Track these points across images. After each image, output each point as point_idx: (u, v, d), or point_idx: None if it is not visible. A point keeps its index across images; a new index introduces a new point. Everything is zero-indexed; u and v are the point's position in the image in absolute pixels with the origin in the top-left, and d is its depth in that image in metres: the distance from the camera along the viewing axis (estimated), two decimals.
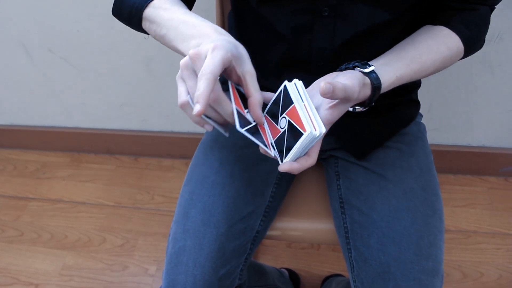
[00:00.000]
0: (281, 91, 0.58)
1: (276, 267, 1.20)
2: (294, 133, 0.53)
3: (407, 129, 0.80)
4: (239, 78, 0.54)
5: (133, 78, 1.44)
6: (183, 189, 0.78)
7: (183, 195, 0.77)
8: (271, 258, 1.31)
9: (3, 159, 1.71)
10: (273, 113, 0.58)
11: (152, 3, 0.64)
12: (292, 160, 0.54)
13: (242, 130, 0.54)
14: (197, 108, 0.47)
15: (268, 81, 0.78)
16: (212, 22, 0.94)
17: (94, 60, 1.41)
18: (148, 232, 1.41)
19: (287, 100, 0.56)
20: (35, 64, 1.46)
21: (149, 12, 0.64)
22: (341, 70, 0.62)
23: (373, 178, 0.74)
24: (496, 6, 0.70)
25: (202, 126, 0.55)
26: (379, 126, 0.77)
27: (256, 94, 0.54)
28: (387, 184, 0.72)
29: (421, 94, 0.84)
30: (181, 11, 0.62)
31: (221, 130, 0.57)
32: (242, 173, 0.76)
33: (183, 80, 0.53)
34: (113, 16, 0.75)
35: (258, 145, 0.56)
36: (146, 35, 0.69)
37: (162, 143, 1.61)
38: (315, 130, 0.51)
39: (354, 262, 0.71)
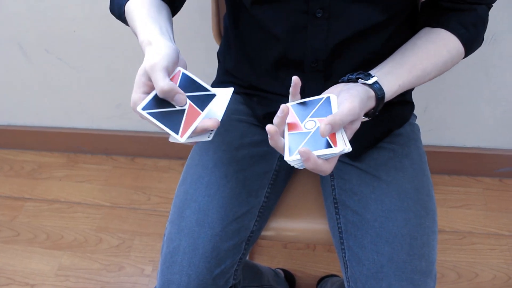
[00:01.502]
0: (322, 98, 0.59)
1: (271, 267, 1.21)
2: (319, 140, 0.54)
3: (401, 130, 0.81)
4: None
5: (130, 79, 1.44)
6: (178, 189, 0.78)
7: (178, 195, 0.77)
8: (267, 258, 1.32)
9: (0, 159, 1.71)
10: (302, 111, 0.59)
11: (128, 3, 0.68)
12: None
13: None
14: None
15: (262, 81, 0.78)
16: (207, 23, 0.95)
17: (90, 60, 1.41)
18: (144, 232, 1.41)
19: (326, 110, 0.57)
20: (31, 64, 1.46)
21: (126, 11, 0.68)
22: (343, 82, 0.63)
23: (367, 179, 0.74)
24: (492, 6, 0.70)
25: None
26: (373, 127, 0.77)
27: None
28: (381, 185, 0.73)
29: (417, 95, 0.84)
30: (140, 16, 0.65)
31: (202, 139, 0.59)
32: (237, 174, 0.76)
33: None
34: (110, 16, 0.76)
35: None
36: None
37: (158, 144, 1.61)
38: (346, 148, 0.53)
39: (348, 262, 0.72)
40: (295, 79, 0.58)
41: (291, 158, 0.54)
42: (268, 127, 0.54)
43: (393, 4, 0.64)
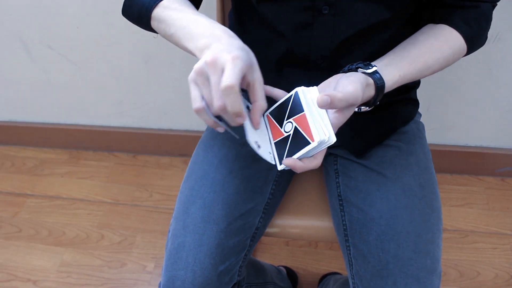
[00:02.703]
0: (291, 96, 0.59)
1: (274, 265, 1.21)
2: (299, 140, 0.55)
3: (406, 127, 0.81)
4: (248, 84, 0.55)
5: (132, 76, 1.44)
6: (183, 186, 0.78)
7: (183, 192, 0.77)
8: (269, 256, 1.32)
9: (1, 155, 1.71)
10: (278, 115, 0.59)
11: (161, 3, 0.65)
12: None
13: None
14: (240, 121, 0.52)
15: (267, 78, 0.78)
16: (212, 20, 0.95)
17: (93, 57, 1.41)
18: (146, 229, 1.41)
19: (297, 107, 0.58)
20: (34, 61, 1.45)
21: (158, 12, 0.65)
22: (344, 72, 0.63)
23: (372, 176, 0.74)
24: (497, 5, 0.70)
25: (215, 128, 0.57)
26: (378, 124, 0.77)
27: (261, 101, 0.55)
28: (386, 182, 0.73)
29: (420, 94, 0.84)
30: (190, 11, 0.63)
31: (232, 132, 0.59)
32: (242, 170, 0.76)
33: (197, 84, 0.53)
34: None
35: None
36: (155, 34, 0.69)
37: (160, 141, 1.61)
38: (325, 137, 0.53)
39: (353, 259, 0.72)
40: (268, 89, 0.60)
41: (281, 167, 0.57)
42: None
43: (398, 2, 0.64)
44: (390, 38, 0.69)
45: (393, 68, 0.63)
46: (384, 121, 0.77)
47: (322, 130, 0.54)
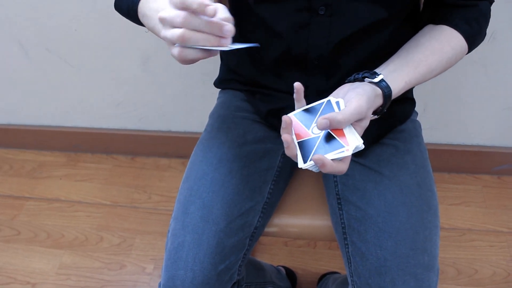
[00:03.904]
0: (322, 102, 0.61)
1: (273, 265, 1.21)
2: (331, 142, 0.56)
3: (403, 126, 0.81)
4: None
5: (130, 77, 1.44)
6: (182, 186, 0.79)
7: (182, 192, 0.77)
8: (268, 256, 1.32)
9: (0, 158, 1.71)
10: (306, 118, 0.60)
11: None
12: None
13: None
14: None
15: (265, 78, 0.79)
16: None
17: (91, 59, 1.41)
18: (145, 231, 1.41)
19: (329, 112, 0.59)
20: (32, 63, 1.46)
21: (141, 5, 0.63)
22: (350, 81, 0.64)
23: (370, 174, 0.75)
24: (494, 1, 0.71)
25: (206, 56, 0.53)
26: (375, 123, 0.77)
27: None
28: (383, 180, 0.73)
29: (416, 93, 0.85)
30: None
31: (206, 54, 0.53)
32: (241, 170, 0.77)
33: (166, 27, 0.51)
34: (110, 15, 0.76)
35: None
36: (147, 28, 0.69)
37: (159, 143, 1.61)
38: (359, 144, 0.55)
39: (351, 257, 0.72)
40: (297, 86, 0.59)
41: (305, 165, 0.56)
42: (284, 137, 0.56)
43: (394, 2, 0.65)
44: (388, 37, 0.70)
45: (399, 75, 0.64)
46: (381, 120, 0.78)
47: (355, 136, 0.56)
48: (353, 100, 0.57)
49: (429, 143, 1.44)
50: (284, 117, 0.56)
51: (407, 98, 0.82)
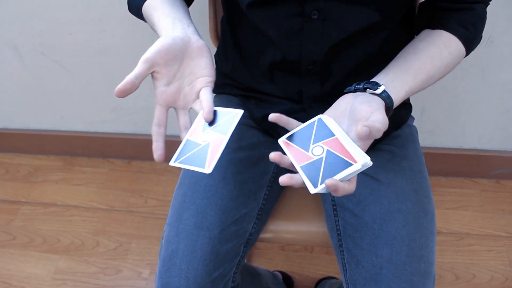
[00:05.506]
0: (314, 122, 0.60)
1: (269, 270, 1.20)
2: (336, 162, 0.53)
3: (399, 131, 0.81)
4: None
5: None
6: (176, 192, 0.78)
7: (176, 198, 0.77)
8: (265, 261, 1.31)
9: None
10: (301, 140, 0.59)
11: (146, 3, 0.67)
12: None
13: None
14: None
15: (259, 83, 0.78)
16: (205, 26, 0.95)
17: (86, 63, 1.41)
18: (142, 235, 1.40)
19: (325, 132, 0.57)
20: (27, 67, 1.45)
21: (144, 11, 0.68)
22: (351, 91, 0.63)
23: (366, 181, 0.74)
24: (487, 10, 0.71)
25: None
26: None
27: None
28: (379, 186, 0.73)
29: (414, 97, 0.85)
30: (166, 8, 0.65)
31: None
32: (235, 176, 0.76)
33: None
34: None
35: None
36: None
37: None
38: (367, 161, 0.52)
39: (346, 264, 0.72)
40: (272, 118, 0.59)
41: (317, 190, 0.53)
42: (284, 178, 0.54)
43: (388, 5, 0.64)
44: (382, 42, 0.69)
45: (399, 84, 0.63)
46: None
47: (361, 153, 0.53)
48: (376, 113, 0.55)
49: (427, 147, 1.44)
50: (271, 155, 0.55)
51: (403, 103, 0.81)
